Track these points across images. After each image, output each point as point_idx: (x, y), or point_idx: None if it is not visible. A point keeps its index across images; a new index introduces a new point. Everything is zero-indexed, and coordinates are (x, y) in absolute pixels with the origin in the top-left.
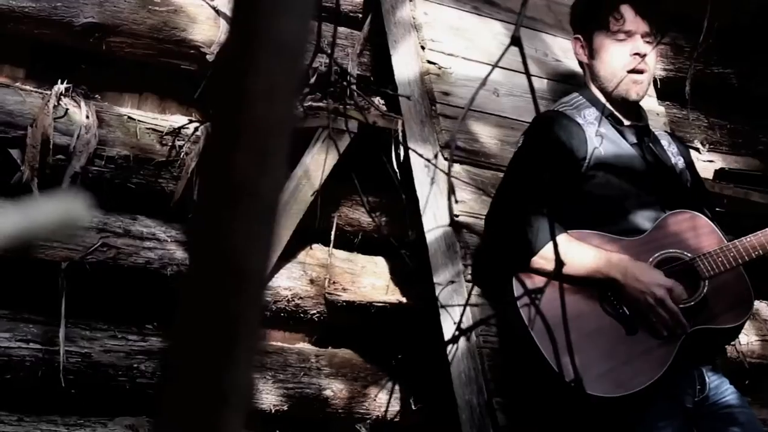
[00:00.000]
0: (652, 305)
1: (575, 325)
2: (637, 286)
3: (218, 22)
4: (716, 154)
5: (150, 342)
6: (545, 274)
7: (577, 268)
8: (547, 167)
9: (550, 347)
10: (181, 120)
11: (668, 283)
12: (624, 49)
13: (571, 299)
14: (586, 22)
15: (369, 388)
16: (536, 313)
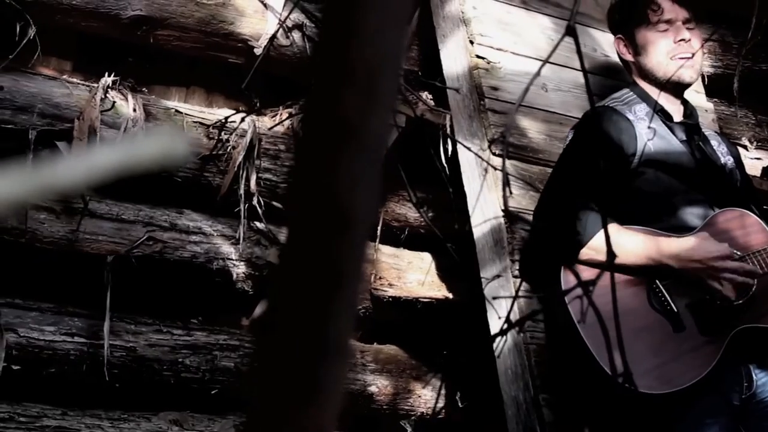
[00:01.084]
0: (715, 276)
1: (622, 320)
2: (694, 266)
3: (266, 15)
4: (764, 152)
5: (195, 336)
6: (595, 265)
7: (629, 256)
8: (597, 161)
9: (597, 342)
10: (228, 113)
11: (722, 250)
12: (667, 38)
13: (619, 295)
14: (625, 21)
15: (414, 385)
16: (585, 307)
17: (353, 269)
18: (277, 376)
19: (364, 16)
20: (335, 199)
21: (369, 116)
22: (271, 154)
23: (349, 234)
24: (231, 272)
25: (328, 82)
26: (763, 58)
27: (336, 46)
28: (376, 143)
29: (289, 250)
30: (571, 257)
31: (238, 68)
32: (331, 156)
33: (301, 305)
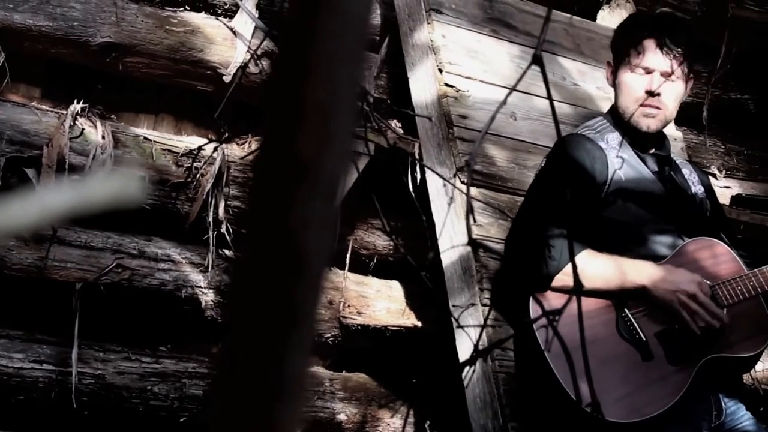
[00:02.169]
0: (685, 302)
1: (591, 349)
2: (666, 287)
3: (235, 43)
4: (733, 180)
5: (163, 364)
6: (570, 291)
7: (604, 279)
8: (569, 189)
9: (565, 371)
10: (197, 141)
11: (696, 279)
12: (641, 84)
13: (587, 324)
14: (616, 49)
15: (383, 413)
16: (553, 336)
17: (308, 307)
18: (233, 414)
19: (318, 55)
20: (290, 238)
21: (323, 155)
22: (240, 181)
23: (303, 273)
24: (200, 300)
25: (282, 121)
26: (732, 86)
27: (289, 85)
28: (331, 182)
29: (244, 289)
30: (544, 284)
31: (206, 96)
32: (285, 195)
33: (256, 344)
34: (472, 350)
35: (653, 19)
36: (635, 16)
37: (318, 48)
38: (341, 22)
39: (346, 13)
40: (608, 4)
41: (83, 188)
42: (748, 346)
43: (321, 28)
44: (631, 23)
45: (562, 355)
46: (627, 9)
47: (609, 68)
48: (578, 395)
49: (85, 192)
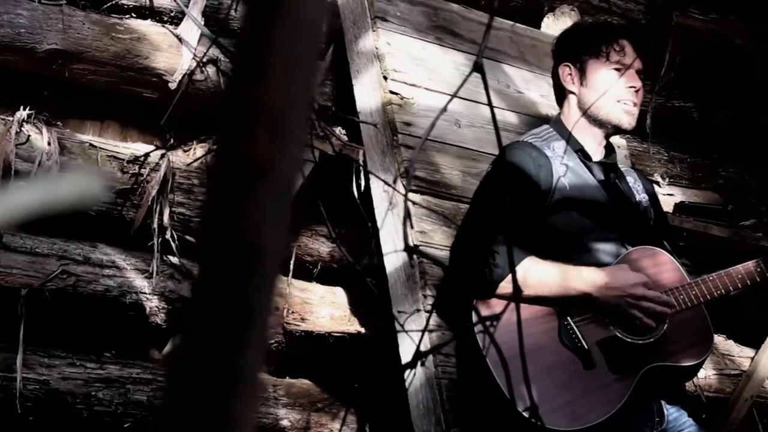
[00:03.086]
0: (634, 303)
1: (533, 357)
2: (612, 293)
3: (181, 50)
4: (676, 188)
5: (108, 370)
6: (512, 298)
7: (548, 287)
8: (514, 197)
9: (506, 378)
10: (142, 148)
11: (640, 279)
12: (620, 81)
13: (529, 332)
14: (579, 50)
15: (326, 419)
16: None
17: (263, 304)
18: (189, 409)
19: (273, 59)
20: (245, 236)
21: (278, 156)
22: (185, 188)
23: (258, 270)
24: (144, 306)
25: (238, 122)
26: (675, 94)
27: (245, 88)
28: (285, 182)
29: (201, 286)
30: (488, 292)
31: (152, 102)
32: (240, 194)
33: (212, 339)
34: (413, 355)
35: (613, 24)
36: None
37: (273, 54)
38: (296, 28)
39: (300, 19)
40: (552, 13)
41: (49, 189)
42: (691, 354)
43: (276, 35)
44: (600, 25)
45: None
46: (571, 17)
47: (567, 69)
48: (518, 402)
49: (50, 192)
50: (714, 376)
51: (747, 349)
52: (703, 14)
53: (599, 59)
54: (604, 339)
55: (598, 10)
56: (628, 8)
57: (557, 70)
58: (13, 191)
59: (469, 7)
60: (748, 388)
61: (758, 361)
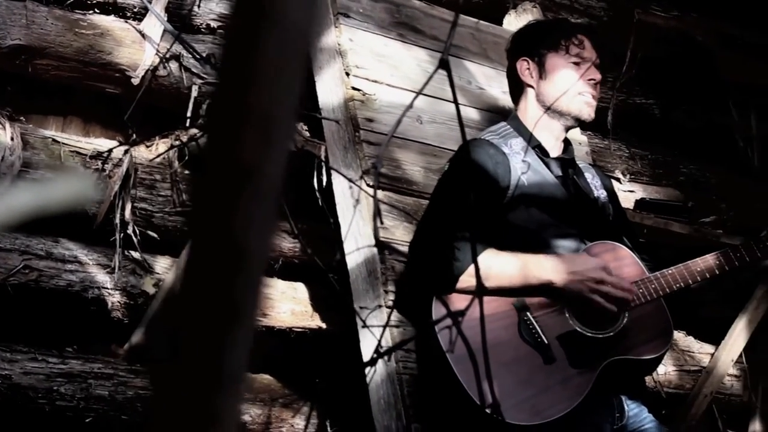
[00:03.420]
0: (595, 288)
1: (493, 352)
2: (573, 278)
3: (144, 45)
4: (637, 184)
5: (70, 365)
6: (474, 292)
7: (509, 277)
8: (472, 193)
9: (467, 373)
10: (105, 143)
11: (600, 263)
12: (579, 73)
13: (489, 328)
14: (537, 44)
15: (286, 414)
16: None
17: (249, 303)
18: (175, 406)
19: (261, 62)
20: (232, 237)
21: (265, 158)
22: (147, 183)
23: (245, 269)
24: (106, 301)
25: (226, 125)
26: (636, 91)
27: (234, 93)
28: (272, 184)
29: (188, 285)
30: (448, 286)
31: (115, 98)
32: (228, 196)
33: (198, 337)
34: (374, 351)
35: (570, 20)
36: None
37: (261, 56)
38: (283, 31)
39: (288, 22)
40: (515, 9)
41: (44, 190)
42: (650, 348)
43: (264, 38)
44: (559, 21)
45: (463, 357)
46: (533, 14)
47: (525, 64)
48: (479, 397)
49: (45, 194)
50: (674, 372)
51: (707, 346)
52: (665, 11)
53: (558, 53)
54: (564, 333)
55: (560, 7)
56: (590, 5)
57: (514, 65)
58: (10, 193)
59: (431, 3)
60: (708, 384)
61: (718, 357)
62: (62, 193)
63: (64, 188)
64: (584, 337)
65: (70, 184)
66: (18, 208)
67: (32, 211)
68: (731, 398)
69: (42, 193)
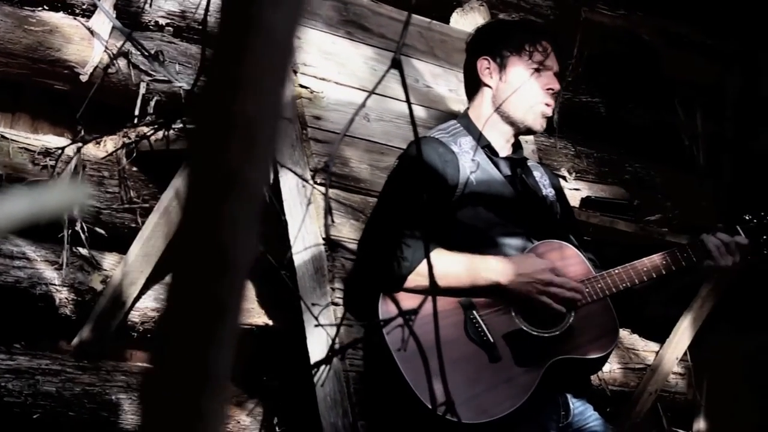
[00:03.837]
0: (543, 290)
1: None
2: (521, 279)
3: (92, 42)
4: (583, 183)
5: (18, 361)
6: (422, 291)
7: (456, 277)
8: (421, 191)
9: (414, 372)
10: (53, 140)
11: (548, 265)
12: (540, 82)
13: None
14: (501, 44)
15: (233, 411)
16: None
17: (234, 305)
18: (162, 407)
19: (246, 71)
20: (217, 240)
21: (249, 165)
22: (95, 180)
23: (229, 273)
24: (54, 297)
25: (212, 133)
26: (583, 90)
27: (219, 100)
28: (256, 190)
29: (175, 287)
30: (396, 285)
31: (63, 94)
32: (214, 203)
33: (184, 338)
34: (327, 349)
35: (536, 23)
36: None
37: (246, 64)
38: (268, 39)
39: (273, 31)
40: (462, 8)
41: (38, 198)
42: (596, 347)
43: (250, 46)
44: (525, 23)
45: (410, 355)
46: (480, 12)
47: (486, 63)
48: (426, 396)
49: (40, 202)
50: (619, 370)
51: (651, 344)
52: (612, 10)
53: (521, 57)
54: (510, 332)
55: (507, 5)
56: (537, 4)
57: (474, 63)
58: (6, 200)
59: (379, 2)
60: (653, 382)
61: (662, 355)
62: (56, 201)
63: (59, 196)
64: (530, 336)
65: (64, 192)
66: (14, 215)
67: (26, 218)
68: (676, 396)
69: (37, 201)
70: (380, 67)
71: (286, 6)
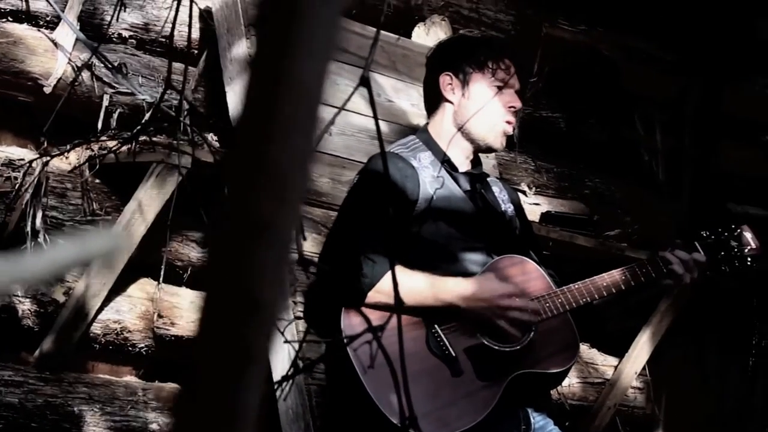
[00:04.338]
0: (500, 315)
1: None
2: (479, 304)
3: (56, 54)
4: (542, 197)
5: None
6: (382, 308)
7: (415, 297)
8: (381, 206)
9: (375, 385)
10: (17, 151)
11: (507, 289)
12: (502, 99)
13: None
14: (463, 61)
15: None
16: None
17: (262, 348)
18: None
19: (278, 122)
20: (246, 286)
21: (279, 213)
22: (58, 192)
23: (258, 316)
24: (16, 309)
25: (244, 182)
26: (543, 105)
27: (252, 150)
28: (284, 237)
29: (204, 331)
30: (357, 301)
31: (27, 106)
32: (244, 248)
33: (213, 381)
34: (290, 365)
35: (498, 40)
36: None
37: (278, 116)
38: (298, 91)
39: (303, 83)
40: (423, 23)
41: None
42: (557, 362)
43: (281, 98)
44: (486, 40)
45: (371, 369)
46: (442, 27)
47: (448, 79)
48: (387, 409)
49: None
50: (578, 384)
51: (610, 358)
52: (572, 26)
53: (484, 74)
54: (472, 347)
55: (468, 20)
56: (498, 18)
57: (436, 78)
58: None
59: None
60: (612, 396)
61: (621, 369)
62: (99, 249)
63: (101, 244)
64: (491, 351)
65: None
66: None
67: (71, 264)
68: (634, 410)
69: (83, 249)
70: (342, 81)
71: (316, 57)
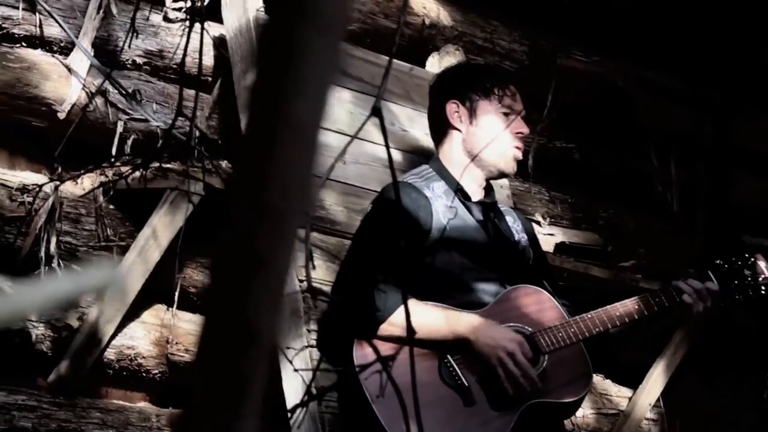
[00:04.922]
0: (503, 359)
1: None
2: (488, 342)
3: (70, 80)
4: (557, 228)
5: None
6: (394, 340)
7: (428, 330)
8: (394, 236)
9: (388, 414)
10: (31, 176)
11: (518, 339)
12: (511, 125)
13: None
14: (468, 88)
15: None
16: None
17: (259, 379)
18: None
19: (275, 162)
20: (244, 319)
21: (277, 250)
22: (72, 217)
23: (255, 349)
24: (30, 333)
25: (244, 220)
26: (557, 135)
27: (250, 191)
28: (282, 273)
29: (201, 360)
30: (370, 332)
31: (40, 131)
32: (242, 282)
33: (210, 410)
34: (303, 393)
35: (500, 67)
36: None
37: (275, 157)
38: (296, 132)
39: (300, 125)
40: (437, 52)
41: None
42: (570, 391)
43: (279, 139)
44: (490, 68)
45: (384, 398)
46: (456, 57)
47: (455, 107)
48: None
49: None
50: (592, 415)
51: (624, 389)
52: (587, 57)
53: (491, 101)
54: (484, 376)
55: (482, 50)
56: (512, 49)
57: (443, 106)
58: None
59: (355, 45)
60: (626, 427)
61: (635, 401)
62: (95, 282)
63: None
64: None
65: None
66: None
67: (66, 298)
68: None
69: (79, 283)
70: (356, 110)
71: (312, 100)
